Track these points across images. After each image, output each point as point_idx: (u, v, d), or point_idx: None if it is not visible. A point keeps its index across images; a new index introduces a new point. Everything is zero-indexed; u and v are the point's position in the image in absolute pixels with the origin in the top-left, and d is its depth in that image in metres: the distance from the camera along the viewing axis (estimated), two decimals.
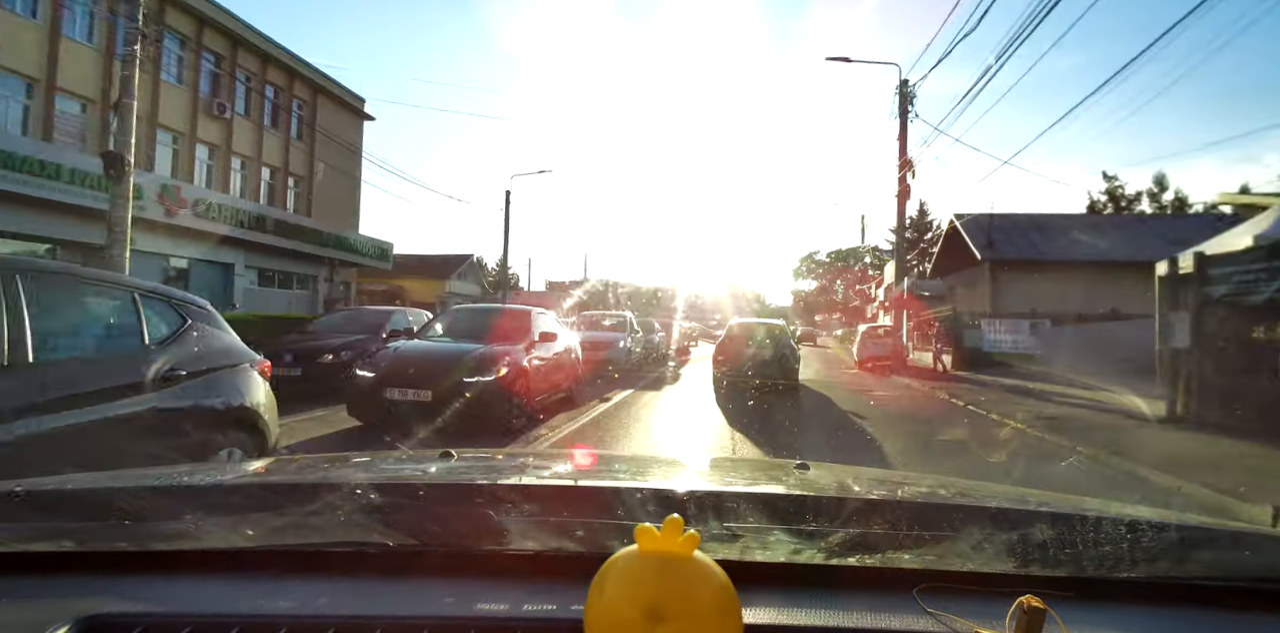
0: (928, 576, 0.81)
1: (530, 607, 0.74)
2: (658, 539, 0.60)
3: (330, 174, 23.94)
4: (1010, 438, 7.95)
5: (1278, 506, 4.00)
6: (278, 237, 19.83)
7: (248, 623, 0.71)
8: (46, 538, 0.92)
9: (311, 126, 23.34)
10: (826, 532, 0.90)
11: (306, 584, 0.80)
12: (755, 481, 1.47)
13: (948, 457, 6.57)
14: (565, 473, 1.45)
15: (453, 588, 0.79)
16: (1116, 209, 34.55)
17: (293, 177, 23.15)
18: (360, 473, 1.31)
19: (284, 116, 22.57)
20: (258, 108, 21.32)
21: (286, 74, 22.34)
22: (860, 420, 9.11)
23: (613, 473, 1.51)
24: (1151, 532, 0.92)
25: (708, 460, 2.08)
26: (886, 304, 36.43)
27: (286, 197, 22.81)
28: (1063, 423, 8.41)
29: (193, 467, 1.77)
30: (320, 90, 23.71)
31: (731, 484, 1.34)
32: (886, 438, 7.61)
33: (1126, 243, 21.08)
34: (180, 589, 0.79)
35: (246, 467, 1.59)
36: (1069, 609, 0.70)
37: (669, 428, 8.30)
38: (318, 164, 23.63)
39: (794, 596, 0.78)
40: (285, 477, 1.31)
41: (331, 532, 0.89)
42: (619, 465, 1.71)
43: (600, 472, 1.47)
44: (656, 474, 1.53)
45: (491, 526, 0.90)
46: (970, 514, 1.02)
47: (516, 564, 0.83)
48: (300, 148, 23.28)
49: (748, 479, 1.50)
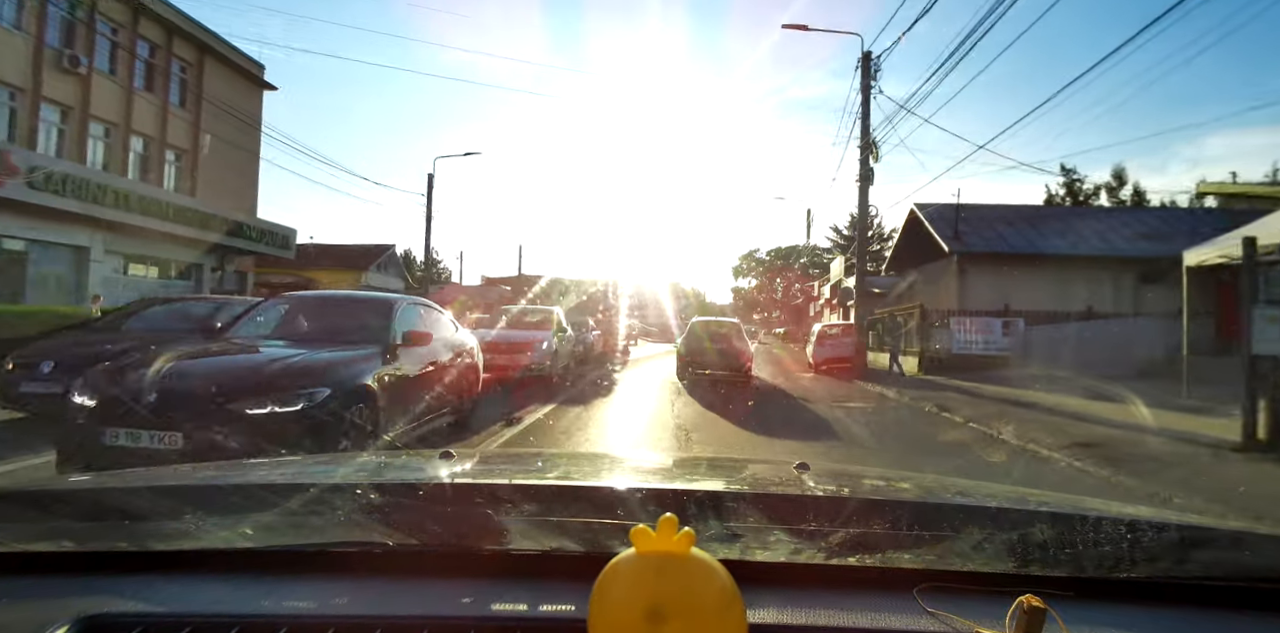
0: (928, 575, 0.82)
1: (530, 607, 0.76)
2: (654, 540, 0.61)
3: (221, 149, 21.19)
4: (1052, 475, 5.76)
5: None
6: (149, 217, 17.74)
7: (248, 623, 0.73)
8: (46, 538, 0.93)
9: (197, 93, 20.15)
10: (826, 532, 0.92)
11: (306, 584, 0.82)
12: (755, 480, 1.46)
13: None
14: (565, 473, 1.48)
15: (453, 588, 0.81)
16: (1075, 203, 33.57)
17: (172, 149, 20.40)
18: (360, 473, 1.34)
19: (161, 79, 19.41)
20: (126, 66, 18.78)
21: (164, 29, 19.84)
22: (850, 446, 7.57)
23: (613, 473, 1.52)
24: (1151, 532, 0.94)
25: (709, 461, 2.09)
26: (834, 302, 34.83)
27: (164, 172, 19.70)
28: (1110, 452, 6.50)
29: (193, 467, 1.74)
30: (207, 51, 21.11)
31: (732, 484, 1.38)
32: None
33: (1098, 236, 19.59)
34: (180, 589, 0.81)
35: (246, 467, 1.56)
36: (1069, 609, 0.72)
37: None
38: (204, 136, 20.55)
39: (794, 596, 0.80)
40: (285, 477, 1.30)
41: (331, 532, 0.91)
42: (620, 466, 1.71)
43: (601, 472, 1.51)
44: (658, 474, 1.54)
45: (491, 526, 0.92)
46: (970, 514, 1.05)
47: (516, 564, 0.85)
48: (183, 116, 20.50)
49: (748, 479, 1.49)
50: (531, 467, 1.57)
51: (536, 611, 0.76)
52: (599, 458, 2.36)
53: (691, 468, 1.73)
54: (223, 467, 1.76)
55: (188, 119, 21.02)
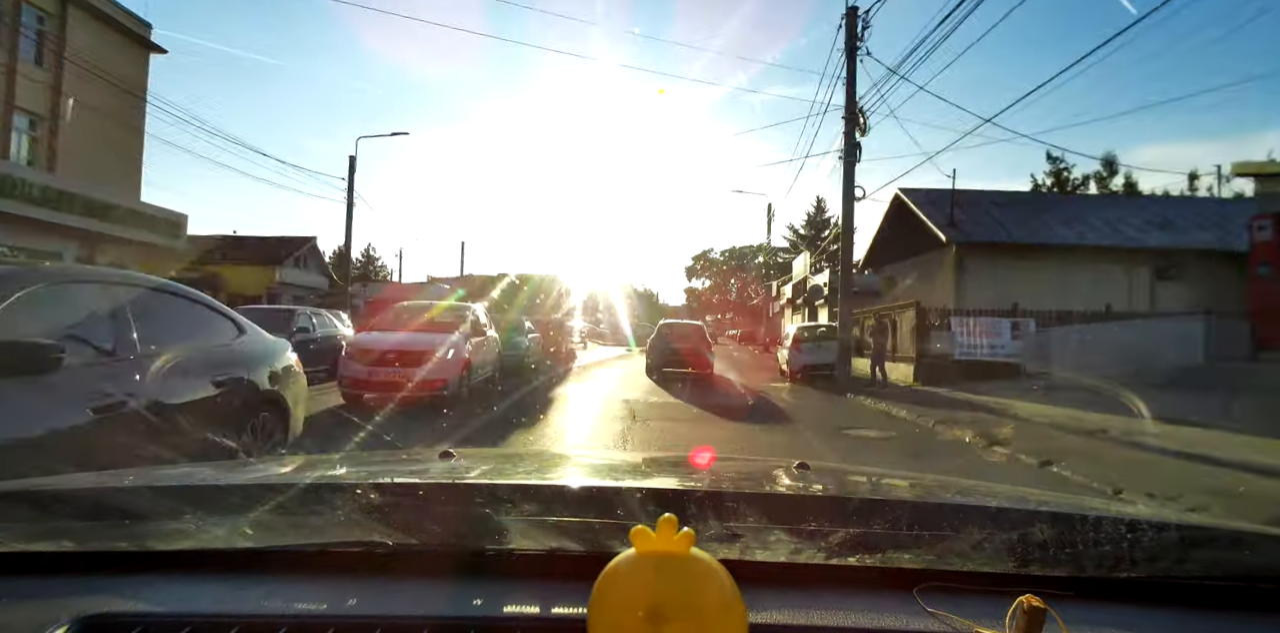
0: (928, 575, 0.83)
1: (530, 607, 0.77)
2: (653, 540, 0.61)
3: (93, 118, 17.72)
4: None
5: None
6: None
7: (248, 623, 0.73)
8: (46, 538, 0.93)
9: (57, 50, 16.59)
10: (827, 532, 0.92)
11: (306, 584, 0.82)
12: (756, 480, 1.47)
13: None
14: (565, 473, 1.48)
15: (453, 588, 0.81)
16: (1062, 193, 31.48)
17: (27, 114, 16.72)
18: (360, 473, 1.34)
19: (8, 31, 15.81)
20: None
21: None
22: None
23: (613, 473, 1.53)
24: (1151, 532, 0.94)
25: (709, 461, 1.88)
26: (797, 302, 32.14)
27: (10, 142, 16.07)
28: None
29: (193, 467, 1.74)
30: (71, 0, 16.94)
31: (732, 484, 1.36)
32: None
33: (1108, 225, 17.39)
34: (180, 589, 0.81)
35: (247, 467, 1.61)
36: (1069, 609, 0.72)
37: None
38: (67, 101, 16.87)
39: (794, 595, 0.80)
40: (285, 477, 1.30)
41: (331, 532, 0.92)
42: (620, 466, 1.72)
43: (601, 472, 1.51)
44: (658, 475, 1.55)
45: (491, 526, 0.92)
46: (970, 514, 1.05)
47: (517, 564, 0.85)
48: (38, 77, 16.99)
49: (748, 479, 1.49)
50: (531, 467, 1.58)
51: (536, 611, 0.76)
52: (599, 458, 2.22)
53: (691, 468, 1.69)
54: (223, 467, 1.73)
55: (45, 81, 17.62)
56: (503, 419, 8.56)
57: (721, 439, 7.76)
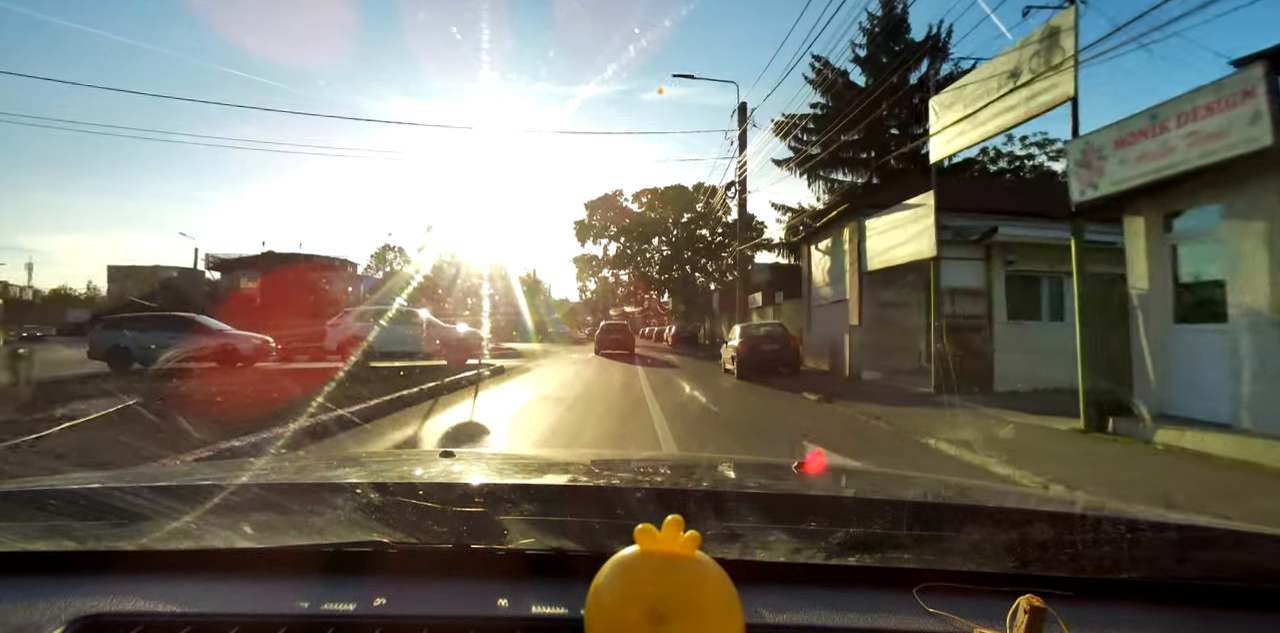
0: (928, 575, 0.82)
1: (530, 607, 0.76)
2: (658, 539, 0.60)
3: None
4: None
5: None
6: None
7: (248, 623, 0.73)
8: (46, 538, 0.92)
9: None
10: (827, 531, 0.91)
11: (306, 584, 0.82)
12: (756, 480, 1.45)
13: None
14: (565, 473, 1.45)
15: (453, 588, 0.80)
16: None
17: None
18: (360, 473, 1.32)
19: None
20: None
21: None
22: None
23: (613, 473, 1.51)
24: (1151, 532, 0.94)
25: (709, 461, 2.05)
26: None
27: None
28: None
29: (193, 467, 1.75)
30: None
31: (732, 484, 1.36)
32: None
33: None
34: (180, 589, 0.80)
35: (246, 467, 1.53)
36: (1069, 609, 0.71)
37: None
38: None
39: (794, 595, 0.79)
40: (285, 477, 1.30)
41: (331, 532, 0.90)
42: (619, 465, 1.70)
43: (600, 471, 1.48)
44: (658, 474, 1.54)
45: (491, 525, 0.92)
46: (970, 514, 1.04)
47: (517, 564, 0.84)
48: None
49: (749, 479, 1.49)
50: (531, 466, 1.58)
51: (537, 610, 0.75)
52: (598, 458, 2.20)
53: (691, 468, 1.70)
54: (223, 467, 1.73)
55: None
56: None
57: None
